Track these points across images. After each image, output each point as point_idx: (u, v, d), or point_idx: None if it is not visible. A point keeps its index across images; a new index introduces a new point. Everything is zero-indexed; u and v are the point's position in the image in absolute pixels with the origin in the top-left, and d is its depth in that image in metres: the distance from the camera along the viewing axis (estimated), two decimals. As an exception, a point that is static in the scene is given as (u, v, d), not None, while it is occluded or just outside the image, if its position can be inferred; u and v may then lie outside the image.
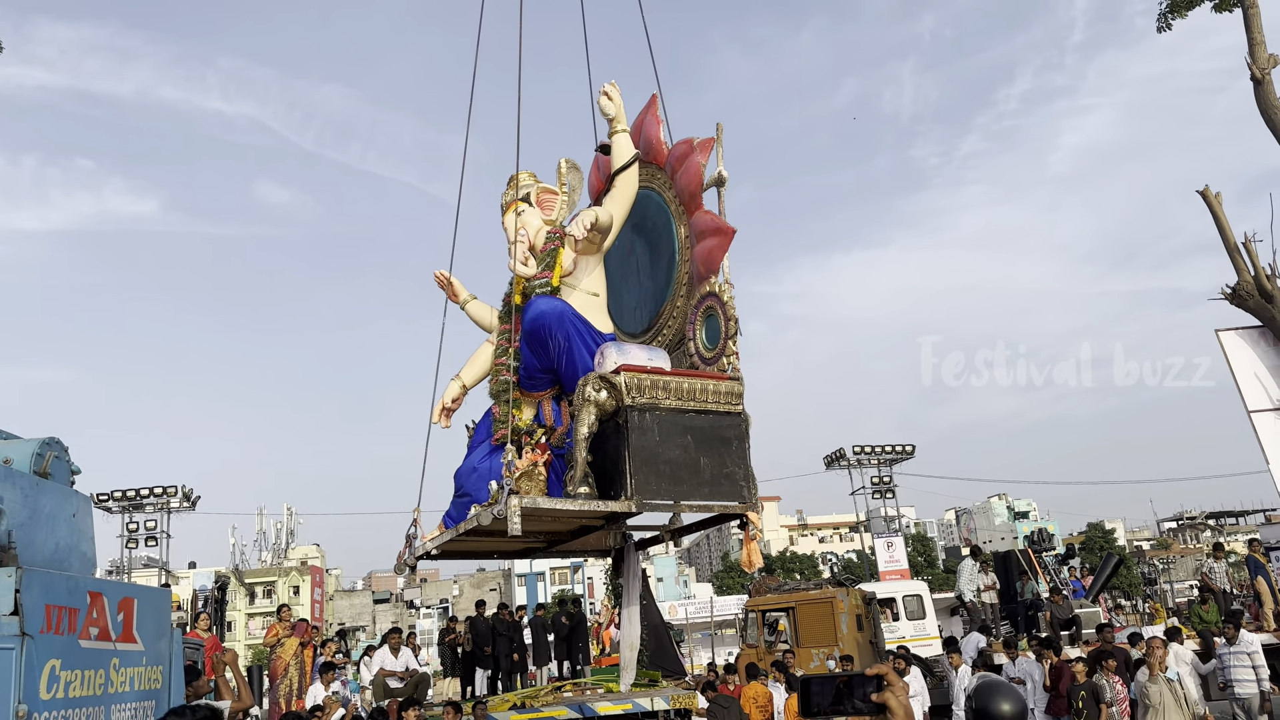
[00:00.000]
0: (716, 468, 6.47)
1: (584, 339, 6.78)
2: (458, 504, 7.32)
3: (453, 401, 7.73)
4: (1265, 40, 10.75)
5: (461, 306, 7.95)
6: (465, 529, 6.66)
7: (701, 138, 7.13)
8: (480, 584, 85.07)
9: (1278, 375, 10.48)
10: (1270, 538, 27.77)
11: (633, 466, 6.12)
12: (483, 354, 7.72)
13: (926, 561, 67.01)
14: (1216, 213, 10.90)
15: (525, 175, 7.61)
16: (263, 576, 71.67)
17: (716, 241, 6.75)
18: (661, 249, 7.50)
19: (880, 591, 20.69)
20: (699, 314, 6.89)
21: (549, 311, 6.70)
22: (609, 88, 7.11)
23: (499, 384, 7.16)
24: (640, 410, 6.26)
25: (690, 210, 7.08)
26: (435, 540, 7.23)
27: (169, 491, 32.13)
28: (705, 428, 6.49)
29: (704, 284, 6.86)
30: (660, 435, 6.28)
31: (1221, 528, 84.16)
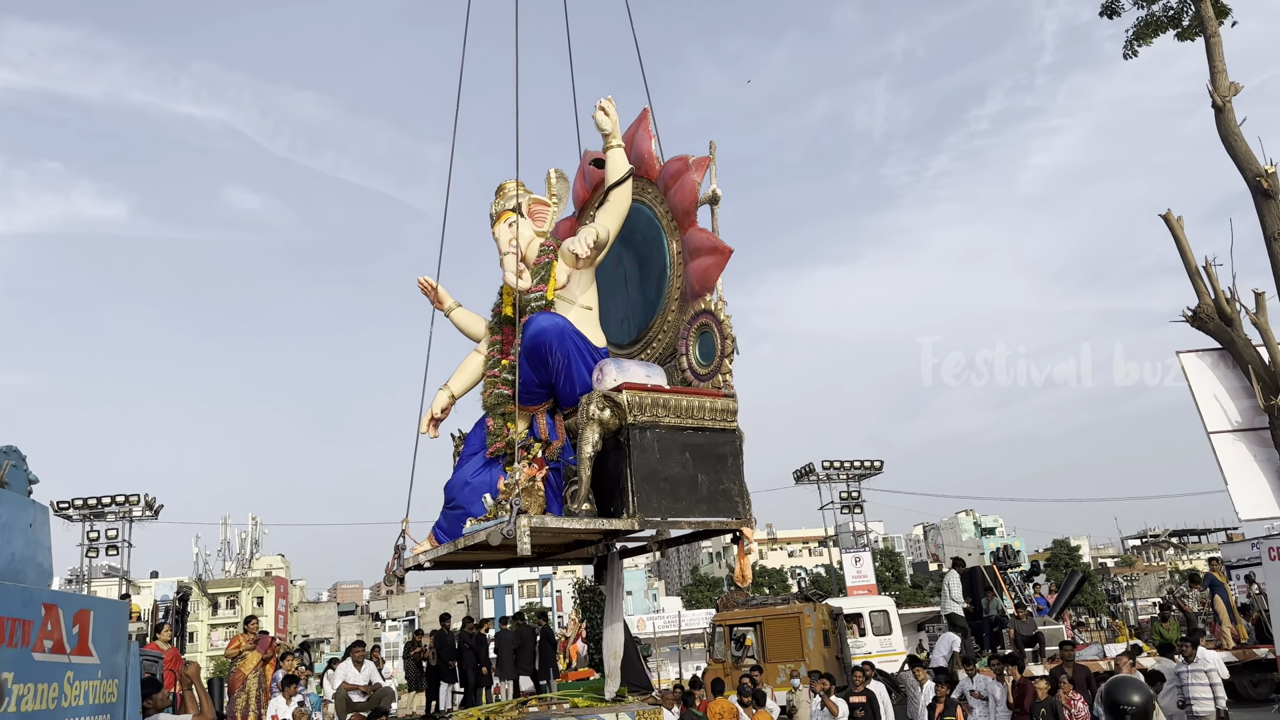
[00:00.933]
0: (713, 484, 6.58)
1: (583, 355, 6.80)
2: (449, 516, 7.27)
3: (441, 411, 7.69)
4: (1226, 69, 10.96)
5: (446, 314, 7.90)
6: (466, 544, 6.59)
7: (696, 156, 7.18)
8: (447, 596, 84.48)
9: (1237, 397, 10.65)
10: (1231, 556, 28.14)
11: (634, 484, 6.20)
12: (471, 363, 7.70)
13: (894, 577, 67.30)
14: (1178, 237, 11.08)
15: (513, 184, 7.57)
16: (226, 587, 70.77)
17: (713, 260, 6.84)
18: (651, 263, 7.54)
19: (847, 607, 20.77)
20: (692, 330, 6.95)
21: (550, 328, 6.68)
22: (605, 103, 7.09)
23: (495, 397, 7.13)
24: (641, 428, 6.34)
25: (684, 226, 7.14)
26: (429, 553, 7.17)
27: (131, 500, 31.70)
28: (702, 445, 6.60)
29: (698, 301, 6.93)
30: (660, 453, 6.38)
31: (1184, 546, 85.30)
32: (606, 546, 7.98)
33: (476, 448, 7.32)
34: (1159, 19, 12.48)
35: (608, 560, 8.04)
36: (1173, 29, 12.44)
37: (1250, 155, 10.58)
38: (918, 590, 64.41)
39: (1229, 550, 33.29)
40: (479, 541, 6.40)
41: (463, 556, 7.34)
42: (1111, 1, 12.69)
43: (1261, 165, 10.44)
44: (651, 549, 7.80)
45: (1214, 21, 11.11)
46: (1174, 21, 12.42)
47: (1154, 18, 12.50)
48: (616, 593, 7.99)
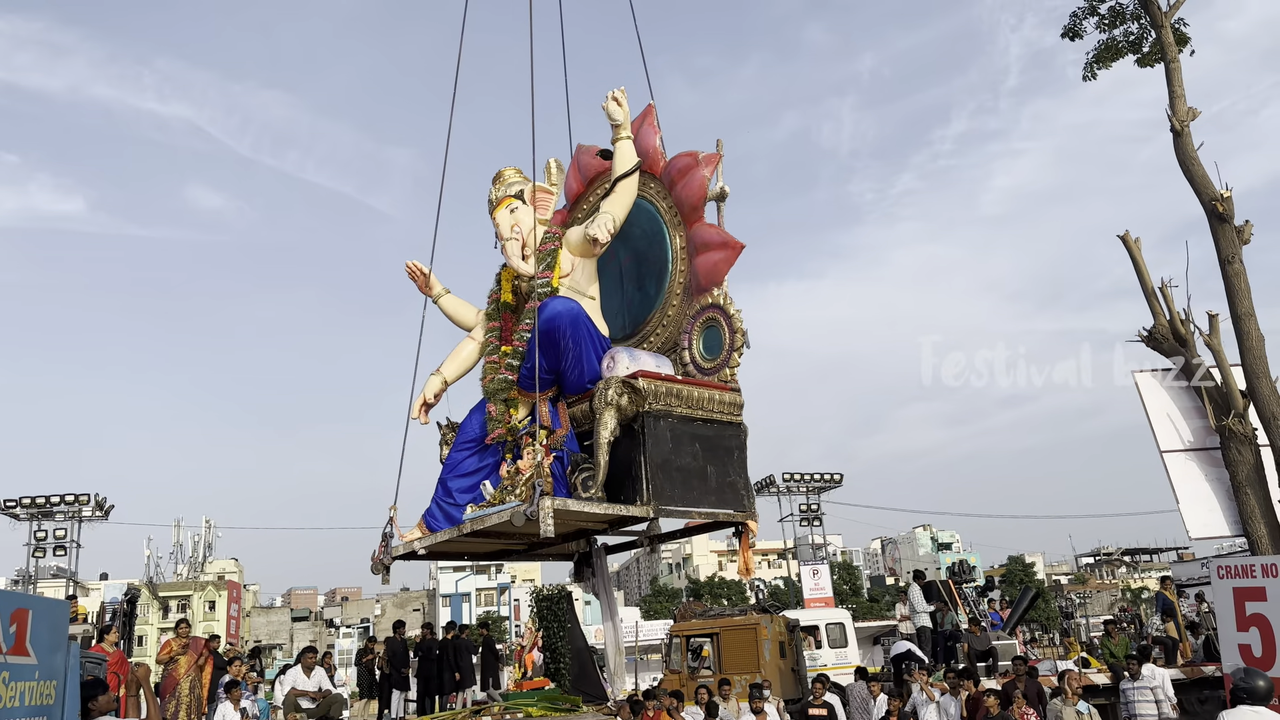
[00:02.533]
0: (721, 476, 6.65)
1: (594, 343, 6.81)
2: (443, 503, 7.17)
3: (434, 396, 7.59)
4: (1185, 94, 11.16)
5: (435, 300, 7.81)
6: (474, 529, 6.49)
7: (705, 152, 7.21)
8: (404, 604, 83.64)
9: (1189, 417, 10.82)
10: (1182, 575, 28.56)
11: (649, 472, 6.24)
12: (464, 349, 7.63)
13: (852, 590, 67.60)
14: (1136, 258, 11.26)
15: (512, 171, 7.55)
16: (178, 590, 69.51)
17: (723, 255, 6.89)
18: (650, 257, 7.51)
19: (804, 619, 20.81)
20: (697, 324, 6.97)
21: (564, 312, 6.66)
22: (618, 93, 7.06)
23: (498, 382, 7.05)
24: (655, 417, 6.38)
25: (690, 221, 7.16)
26: (423, 541, 7.06)
27: (81, 499, 31.04)
28: (711, 436, 6.68)
29: (705, 295, 6.96)
30: (672, 442, 6.44)
31: (1136, 564, 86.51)
32: (588, 543, 7.94)
33: (473, 435, 7.24)
34: (1119, 44, 12.71)
35: (590, 557, 8.00)
36: (1133, 54, 12.66)
37: (1207, 179, 10.78)
38: (875, 604, 64.72)
39: (1179, 569, 33.78)
40: (486, 527, 6.35)
41: (456, 546, 7.27)
42: (1074, 24, 12.89)
43: (1218, 189, 10.64)
44: (642, 544, 7.78)
45: (1174, 48, 11.32)
46: (1134, 47, 12.65)
47: (1115, 42, 12.73)
48: (608, 587, 8.00)
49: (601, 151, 7.61)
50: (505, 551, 7.98)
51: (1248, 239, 10.54)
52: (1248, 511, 10.03)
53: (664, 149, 7.49)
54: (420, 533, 7.22)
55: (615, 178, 7.06)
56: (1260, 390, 10.19)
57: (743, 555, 7.21)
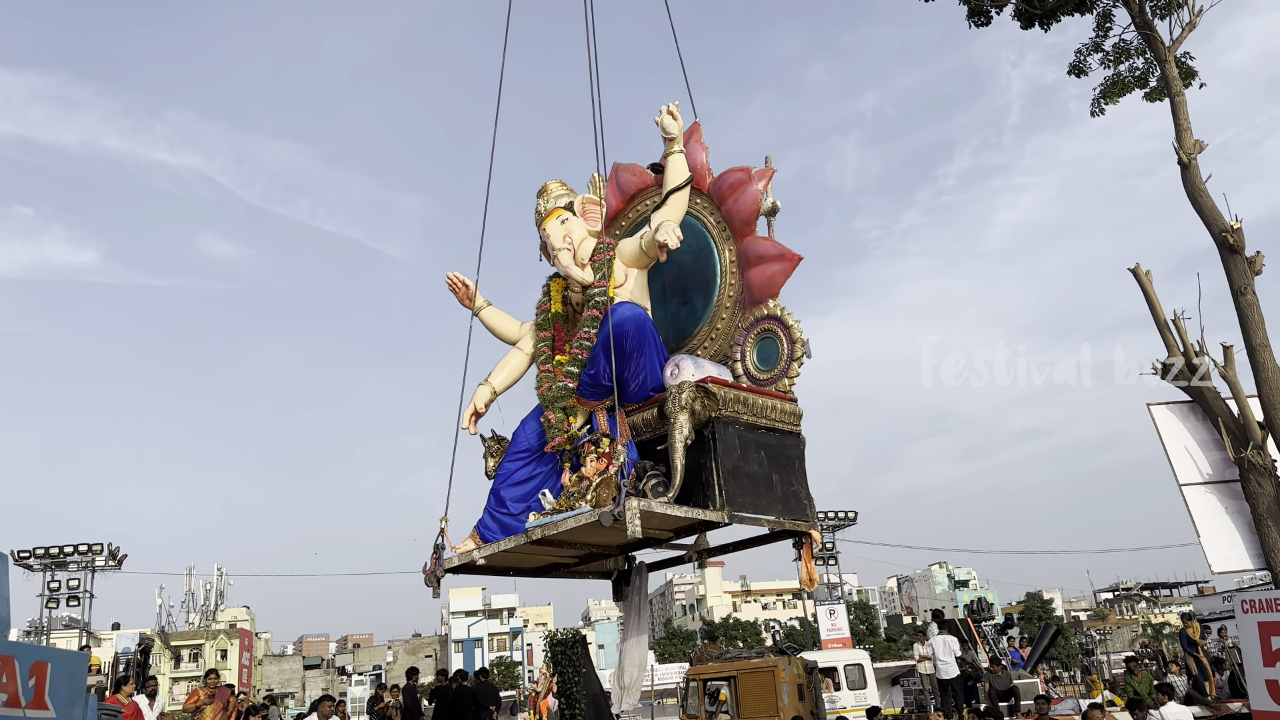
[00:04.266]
0: (785, 485, 6.72)
1: (658, 350, 6.88)
2: (497, 513, 7.14)
3: (484, 406, 7.58)
4: (1191, 127, 11.20)
5: (476, 313, 7.79)
6: (552, 534, 6.44)
7: (757, 168, 7.32)
8: (416, 650, 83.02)
9: (1207, 449, 10.73)
10: (1202, 609, 28.17)
11: (721, 478, 6.30)
12: (512, 360, 7.63)
13: (868, 630, 66.91)
14: (1147, 290, 11.24)
15: (556, 184, 7.65)
16: (189, 639, 69.12)
17: (780, 267, 6.99)
18: (696, 271, 7.56)
19: (822, 660, 20.54)
20: (751, 335, 7.05)
21: (632, 318, 6.70)
22: (673, 107, 7.11)
23: (557, 390, 7.02)
24: (725, 423, 6.44)
25: (742, 235, 7.25)
26: (481, 551, 7.01)
27: (94, 549, 30.99)
28: (775, 445, 6.76)
29: (759, 307, 7.04)
30: (740, 449, 6.49)
31: (1156, 599, 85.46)
32: (628, 559, 7.92)
33: (527, 444, 7.22)
34: (1126, 79, 12.79)
35: (630, 574, 7.97)
36: (1139, 89, 12.74)
37: (1216, 211, 10.78)
38: (892, 644, 64.00)
39: (1200, 603, 33.31)
40: (559, 533, 6.32)
41: (514, 557, 7.24)
42: (1079, 60, 12.99)
43: (1227, 221, 10.64)
44: (690, 558, 7.78)
45: (1179, 82, 11.37)
46: (1141, 82, 12.72)
47: (1121, 78, 12.81)
48: (642, 604, 7.97)
49: (653, 165, 7.74)
50: (553, 566, 7.97)
51: (1259, 270, 10.52)
52: (1270, 544, 9.91)
53: (710, 166, 7.60)
54: (474, 544, 7.17)
55: (668, 190, 7.11)
56: (1278, 421, 10.10)
57: (806, 565, 7.25)
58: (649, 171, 7.87)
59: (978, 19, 12.79)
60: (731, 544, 7.62)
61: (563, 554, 7.55)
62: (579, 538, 6.69)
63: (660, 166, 7.38)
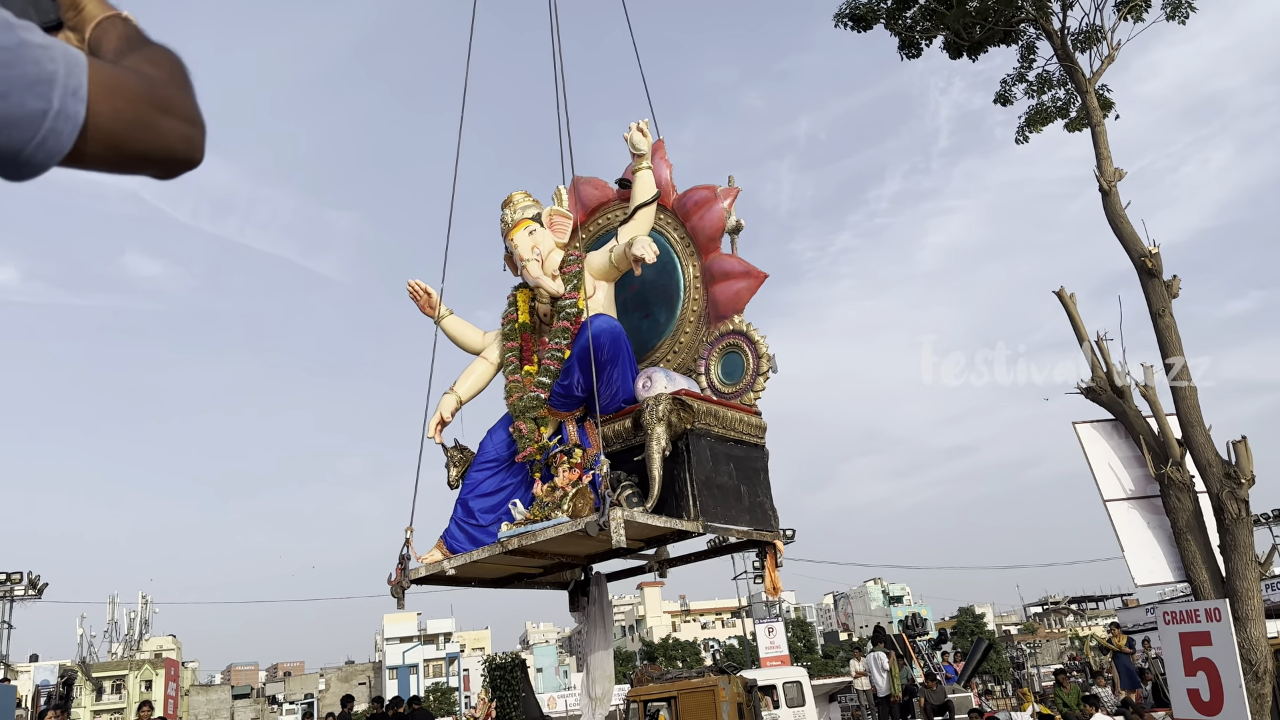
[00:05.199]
0: (752, 496, 6.86)
1: (630, 362, 6.92)
2: (465, 523, 7.09)
3: (450, 415, 7.54)
4: (1111, 155, 11.63)
5: (437, 322, 7.76)
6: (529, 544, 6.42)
7: (722, 187, 7.46)
8: (349, 677, 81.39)
9: (1130, 466, 11.07)
10: (1128, 621, 28.95)
11: (695, 489, 6.40)
12: (477, 369, 7.63)
13: (806, 647, 67.36)
14: (1071, 312, 11.59)
15: (521, 195, 7.64)
16: (112, 670, 66.84)
17: (745, 284, 7.15)
18: (659, 286, 7.64)
19: (761, 679, 20.66)
20: (715, 349, 7.16)
21: (608, 330, 6.72)
22: (643, 124, 7.18)
23: (528, 400, 7.02)
24: (698, 435, 6.54)
25: (707, 252, 7.37)
26: (456, 561, 6.93)
27: (13, 578, 29.92)
28: (742, 457, 6.89)
29: (724, 322, 7.16)
30: (712, 461, 6.61)
31: (1083, 612, 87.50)
32: (585, 570, 7.92)
33: (495, 454, 7.20)
34: (1049, 109, 13.25)
35: (587, 585, 7.97)
36: (1061, 119, 13.20)
37: (1135, 236, 11.18)
38: (829, 660, 64.53)
39: (1126, 615, 34.21)
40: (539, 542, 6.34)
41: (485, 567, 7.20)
42: (1004, 90, 13.42)
43: (1146, 246, 11.04)
44: (651, 568, 7.81)
45: (1099, 113, 11.81)
46: (1062, 112, 13.19)
47: (1044, 107, 13.26)
48: (605, 615, 7.98)
49: (620, 181, 7.79)
50: (515, 577, 7.96)
51: (1176, 293, 10.93)
52: (1189, 557, 10.25)
53: (674, 182, 7.70)
54: (441, 554, 7.12)
55: (636, 205, 7.20)
56: (1195, 438, 10.49)
57: (770, 574, 7.33)
58: (610, 185, 7.97)
59: (909, 50, 13.15)
60: (692, 554, 7.73)
61: (529, 564, 7.58)
62: (552, 548, 6.73)
63: (627, 181, 7.49)
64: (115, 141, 0.97)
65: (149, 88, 1.02)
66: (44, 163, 0.93)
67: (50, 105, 0.90)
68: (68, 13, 1.21)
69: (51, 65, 0.91)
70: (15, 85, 0.88)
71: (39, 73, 0.90)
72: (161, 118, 1.03)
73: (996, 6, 12.43)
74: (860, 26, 13.04)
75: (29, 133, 0.89)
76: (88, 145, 0.95)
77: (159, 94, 1.03)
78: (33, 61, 0.90)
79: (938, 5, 12.62)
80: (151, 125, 1.02)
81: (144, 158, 1.03)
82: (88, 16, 1.19)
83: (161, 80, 1.05)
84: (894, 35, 13.06)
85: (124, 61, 1.06)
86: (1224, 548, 10.07)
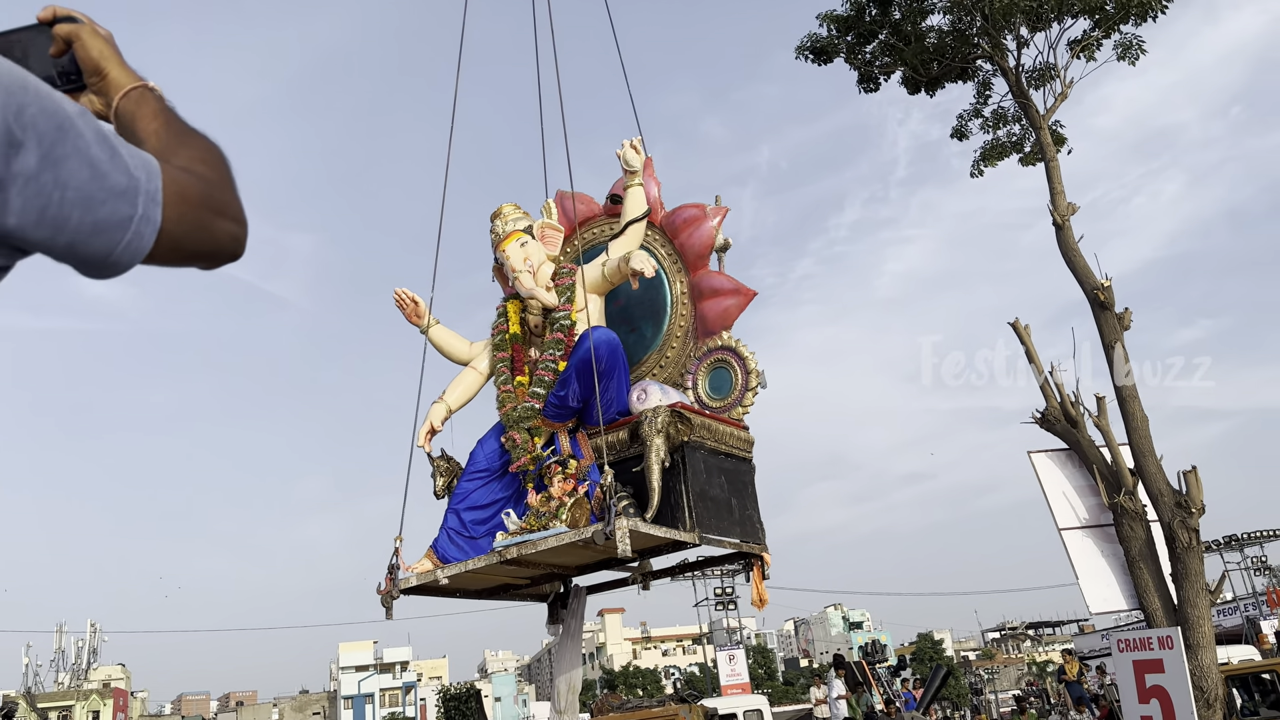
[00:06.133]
0: (741, 509, 6.94)
1: (625, 375, 6.94)
2: (455, 534, 7.05)
3: (440, 423, 7.51)
4: (1064, 190, 11.90)
5: (423, 331, 7.73)
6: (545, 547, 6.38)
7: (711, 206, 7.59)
8: (303, 707, 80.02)
9: (1084, 495, 11.26)
10: (1084, 647, 29.28)
11: (690, 500, 6.47)
12: (466, 379, 7.61)
13: (766, 673, 67.24)
14: (1026, 343, 11.81)
15: (510, 207, 7.67)
16: (59, 700, 65.03)
17: (735, 301, 7.25)
18: (645, 301, 7.69)
19: (722, 707, 20.61)
20: (703, 365, 7.24)
21: (606, 341, 6.74)
22: (636, 142, 7.26)
23: (522, 410, 7.00)
24: (693, 447, 6.61)
25: (695, 269, 7.48)
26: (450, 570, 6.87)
27: (-44, 608, 29.11)
28: (732, 470, 6.97)
29: (713, 338, 7.24)
30: (706, 473, 6.68)
31: (1040, 638, 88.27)
32: (564, 582, 7.91)
33: (487, 464, 7.19)
34: (1004, 144, 13.53)
35: (567, 598, 7.96)
36: (1016, 153, 13.48)
37: (1088, 269, 11.43)
38: (790, 687, 64.43)
39: (1081, 641, 34.55)
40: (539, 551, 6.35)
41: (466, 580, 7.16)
42: (961, 125, 13.70)
43: (1098, 279, 11.29)
44: (635, 581, 7.84)
45: (1052, 148, 12.09)
46: (1017, 147, 13.47)
47: (999, 142, 13.54)
48: (577, 628, 7.98)
49: (611, 196, 7.87)
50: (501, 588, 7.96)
51: (1128, 325, 11.18)
52: (1142, 585, 10.42)
53: (662, 200, 7.80)
54: (431, 564, 7.06)
55: (627, 221, 7.27)
56: (1147, 468, 10.69)
57: (757, 587, 7.36)
58: (595, 201, 8.05)
59: (867, 85, 13.39)
60: (676, 566, 7.78)
61: (519, 575, 7.58)
62: (546, 558, 6.76)
63: (618, 197, 7.58)
64: (176, 243, 1.04)
65: (208, 192, 1.09)
66: (128, 264, 1.00)
67: (136, 210, 0.98)
68: (91, 77, 1.24)
69: (137, 173, 0.99)
70: (111, 194, 0.95)
71: (128, 182, 0.97)
72: (217, 220, 1.10)
73: (953, 44, 12.71)
74: (821, 60, 13.27)
75: (118, 237, 0.97)
76: (156, 247, 1.02)
77: (216, 198, 1.10)
78: (124, 171, 0.97)
79: (896, 41, 12.87)
80: (208, 227, 1.09)
81: (197, 255, 1.11)
82: (114, 84, 1.24)
83: (217, 183, 1.12)
84: (853, 69, 13.29)
85: (175, 157, 1.12)
86: (1176, 576, 10.25)
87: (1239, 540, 49.00)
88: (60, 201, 0.92)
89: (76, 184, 0.93)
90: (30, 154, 0.89)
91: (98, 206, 0.94)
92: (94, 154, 0.95)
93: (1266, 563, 50.42)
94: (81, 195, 0.93)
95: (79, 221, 0.94)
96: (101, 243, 0.96)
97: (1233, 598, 38.23)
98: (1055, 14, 12.08)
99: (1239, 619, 30.08)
